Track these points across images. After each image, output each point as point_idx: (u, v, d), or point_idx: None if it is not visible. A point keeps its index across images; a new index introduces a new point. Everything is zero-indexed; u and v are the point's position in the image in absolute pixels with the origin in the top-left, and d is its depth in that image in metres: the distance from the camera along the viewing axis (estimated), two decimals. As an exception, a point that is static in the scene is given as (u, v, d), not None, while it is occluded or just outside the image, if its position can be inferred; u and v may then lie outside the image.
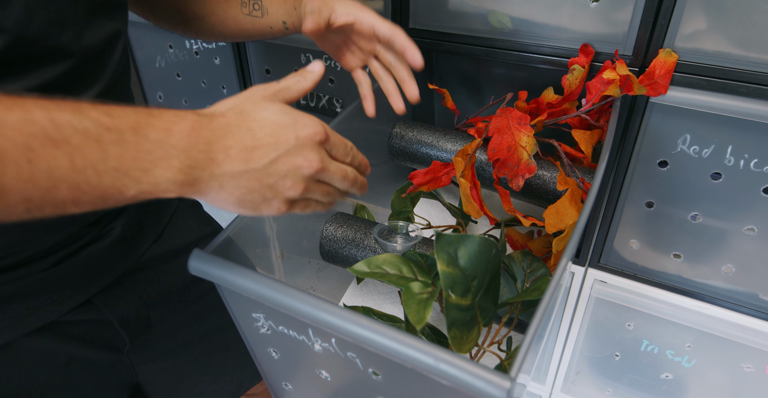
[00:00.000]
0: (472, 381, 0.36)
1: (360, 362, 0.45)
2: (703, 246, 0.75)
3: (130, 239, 0.62)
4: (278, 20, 0.65)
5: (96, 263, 0.58)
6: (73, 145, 0.32)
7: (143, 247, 0.64)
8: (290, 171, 0.41)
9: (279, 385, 0.61)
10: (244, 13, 0.66)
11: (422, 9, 0.77)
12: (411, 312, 0.47)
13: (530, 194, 0.74)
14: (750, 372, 0.81)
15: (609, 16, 0.66)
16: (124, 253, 0.61)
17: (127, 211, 0.61)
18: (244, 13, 0.65)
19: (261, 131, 0.40)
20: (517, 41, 0.73)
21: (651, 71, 0.65)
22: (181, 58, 1.10)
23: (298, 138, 0.41)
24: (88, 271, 0.58)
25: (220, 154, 0.38)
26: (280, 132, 0.40)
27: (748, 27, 0.59)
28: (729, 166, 0.67)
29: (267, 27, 0.66)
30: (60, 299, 0.56)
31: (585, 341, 0.92)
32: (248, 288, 0.44)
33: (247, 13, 0.65)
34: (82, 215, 0.54)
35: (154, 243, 0.66)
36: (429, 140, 0.78)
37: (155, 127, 0.36)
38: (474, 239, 0.46)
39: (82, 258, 0.56)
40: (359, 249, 0.69)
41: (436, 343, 0.41)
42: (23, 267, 0.52)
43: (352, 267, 0.55)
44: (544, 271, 0.62)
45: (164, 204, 0.69)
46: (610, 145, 0.59)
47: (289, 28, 0.66)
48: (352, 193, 0.47)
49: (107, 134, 0.33)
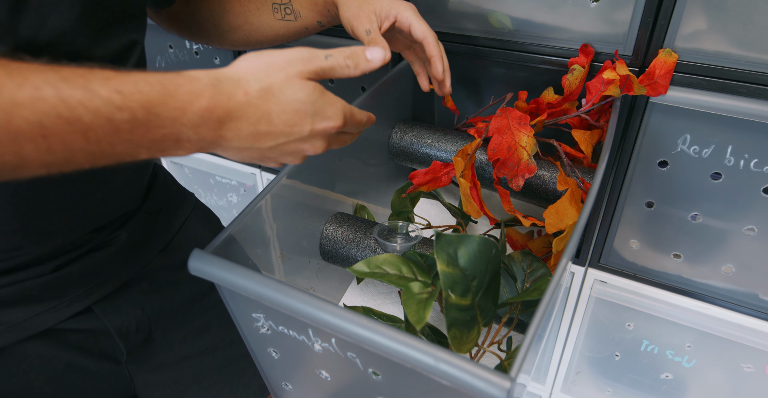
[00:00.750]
0: (472, 381, 0.36)
1: (360, 362, 0.45)
2: (703, 246, 0.75)
3: (137, 247, 0.61)
4: (313, 21, 0.65)
5: (99, 270, 0.57)
6: (85, 123, 0.33)
7: (149, 256, 0.63)
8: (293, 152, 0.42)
9: (279, 385, 0.61)
10: (277, 19, 0.65)
11: (422, 9, 0.77)
12: (411, 312, 0.47)
13: (530, 194, 0.74)
14: (750, 372, 0.81)
15: (609, 16, 0.66)
16: (129, 261, 0.60)
17: (135, 219, 0.60)
18: (276, 18, 0.65)
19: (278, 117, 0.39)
20: (517, 41, 0.73)
21: (651, 71, 0.65)
22: (181, 58, 1.10)
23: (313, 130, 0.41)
24: (89, 278, 0.56)
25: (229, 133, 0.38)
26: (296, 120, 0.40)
27: (748, 27, 0.59)
28: (729, 166, 0.67)
29: (303, 28, 0.66)
30: (59, 305, 0.55)
31: (585, 341, 0.92)
32: (248, 288, 0.44)
33: (279, 18, 0.65)
34: (87, 222, 0.54)
35: (161, 252, 0.64)
36: (429, 140, 0.78)
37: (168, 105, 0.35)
38: (474, 239, 0.46)
39: (84, 265, 0.55)
40: (359, 249, 0.69)
41: (436, 343, 0.41)
42: (22, 271, 0.52)
43: (352, 267, 0.54)
44: (544, 271, 0.62)
45: (175, 212, 0.68)
46: (610, 145, 0.59)
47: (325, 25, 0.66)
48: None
49: (118, 113, 0.33)
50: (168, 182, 0.68)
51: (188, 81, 0.36)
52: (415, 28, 0.60)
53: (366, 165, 0.79)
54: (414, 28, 0.60)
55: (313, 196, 0.67)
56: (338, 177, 0.71)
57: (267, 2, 0.65)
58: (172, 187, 0.69)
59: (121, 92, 0.34)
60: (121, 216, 0.58)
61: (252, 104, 0.38)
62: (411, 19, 0.60)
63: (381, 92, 0.74)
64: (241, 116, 0.38)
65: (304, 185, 0.64)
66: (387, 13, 0.59)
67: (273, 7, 0.64)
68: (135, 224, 0.60)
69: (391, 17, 0.59)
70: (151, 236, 0.63)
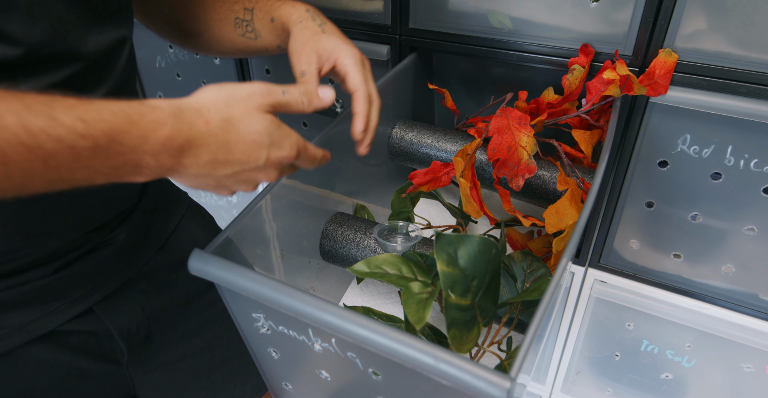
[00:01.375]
0: (472, 381, 0.36)
1: (360, 362, 0.45)
2: (703, 246, 0.75)
3: (135, 246, 0.61)
4: (272, 44, 0.63)
5: (98, 271, 0.57)
6: (46, 150, 0.33)
7: (147, 256, 0.63)
8: (248, 180, 0.43)
9: (279, 385, 0.61)
10: (238, 34, 0.63)
11: (422, 9, 0.77)
12: (410, 312, 0.47)
13: (530, 194, 0.74)
14: (750, 372, 0.81)
15: (609, 16, 0.66)
16: (128, 261, 0.60)
17: (132, 218, 0.60)
18: (238, 33, 0.63)
19: (236, 147, 0.40)
20: (517, 41, 0.73)
21: (651, 71, 0.65)
22: (181, 58, 1.10)
23: (268, 159, 0.42)
24: (90, 279, 0.57)
25: (189, 160, 0.39)
26: (253, 151, 0.41)
27: (748, 27, 0.59)
28: (729, 166, 0.67)
29: (263, 48, 0.64)
30: (61, 307, 0.55)
31: (585, 341, 0.92)
32: (248, 288, 0.44)
33: (241, 34, 0.63)
34: (85, 222, 0.54)
35: (158, 252, 0.65)
36: (429, 140, 0.78)
37: (131, 133, 0.36)
38: (474, 239, 0.46)
39: (84, 266, 0.56)
40: (359, 249, 0.69)
41: (436, 343, 0.41)
42: (24, 273, 0.52)
43: (352, 267, 0.54)
44: (544, 271, 0.62)
45: (171, 211, 0.68)
46: (610, 145, 0.59)
47: (285, 50, 0.62)
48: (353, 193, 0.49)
49: (81, 141, 0.34)
50: (162, 181, 0.69)
51: (151, 110, 0.37)
52: (349, 78, 0.55)
53: (366, 165, 0.79)
54: (348, 79, 0.55)
55: (313, 196, 0.67)
56: (338, 177, 0.71)
57: (230, 16, 0.63)
58: (167, 186, 0.70)
59: (85, 120, 0.34)
60: (118, 215, 0.58)
61: (212, 133, 0.39)
62: (348, 69, 0.55)
63: (381, 92, 0.74)
64: (202, 145, 0.39)
65: (304, 185, 0.64)
66: (329, 55, 0.55)
67: (236, 21, 0.63)
68: (132, 223, 0.60)
69: (332, 61, 0.55)
70: (148, 235, 0.63)
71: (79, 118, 0.34)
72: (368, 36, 0.83)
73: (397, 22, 0.79)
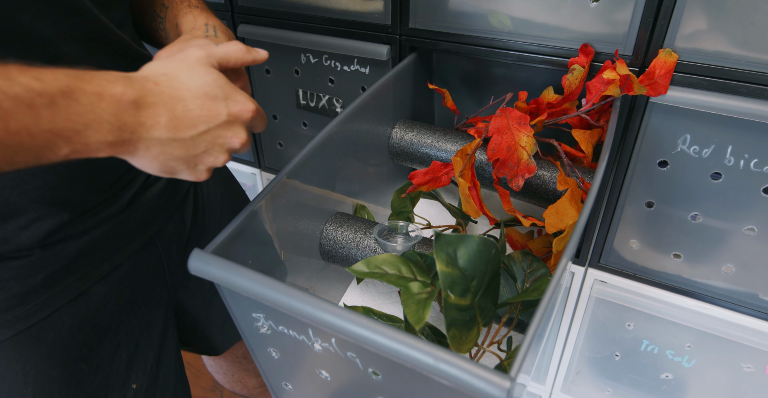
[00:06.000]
0: (472, 381, 0.36)
1: (360, 362, 0.45)
2: (703, 246, 0.75)
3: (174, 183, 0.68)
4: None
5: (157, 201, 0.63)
6: (5, 110, 0.33)
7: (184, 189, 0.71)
8: (218, 144, 0.43)
9: (279, 385, 0.61)
10: (155, 28, 0.62)
11: (422, 9, 0.77)
12: (410, 312, 0.47)
13: (530, 194, 0.74)
14: (750, 372, 0.81)
15: (609, 16, 0.66)
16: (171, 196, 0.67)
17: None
18: (155, 27, 0.62)
19: (192, 102, 0.41)
20: (517, 41, 0.73)
21: (651, 71, 0.65)
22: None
23: (230, 114, 0.42)
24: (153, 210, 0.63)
25: (149, 120, 0.39)
26: (210, 104, 0.41)
27: (748, 27, 0.59)
28: (729, 166, 0.67)
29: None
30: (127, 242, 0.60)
31: (585, 341, 0.92)
32: (248, 288, 0.44)
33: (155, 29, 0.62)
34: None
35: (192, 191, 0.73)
36: (429, 140, 0.78)
37: (86, 91, 0.36)
38: (473, 239, 0.46)
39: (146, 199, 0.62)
40: (359, 249, 0.69)
41: (436, 343, 0.41)
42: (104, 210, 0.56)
43: (352, 267, 0.54)
44: (544, 271, 0.62)
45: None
46: (610, 145, 0.59)
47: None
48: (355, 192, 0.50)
49: (39, 99, 0.34)
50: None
51: (102, 73, 0.38)
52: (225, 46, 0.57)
53: (366, 165, 0.79)
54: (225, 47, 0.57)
55: (313, 196, 0.67)
56: (338, 177, 0.71)
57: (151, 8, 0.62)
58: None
59: (40, 79, 0.35)
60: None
61: (164, 92, 0.40)
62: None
63: (381, 92, 0.74)
64: (157, 102, 0.40)
65: (304, 185, 0.64)
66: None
67: (154, 14, 0.62)
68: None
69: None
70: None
71: (35, 77, 0.35)
72: (368, 36, 0.83)
73: (397, 22, 0.79)
